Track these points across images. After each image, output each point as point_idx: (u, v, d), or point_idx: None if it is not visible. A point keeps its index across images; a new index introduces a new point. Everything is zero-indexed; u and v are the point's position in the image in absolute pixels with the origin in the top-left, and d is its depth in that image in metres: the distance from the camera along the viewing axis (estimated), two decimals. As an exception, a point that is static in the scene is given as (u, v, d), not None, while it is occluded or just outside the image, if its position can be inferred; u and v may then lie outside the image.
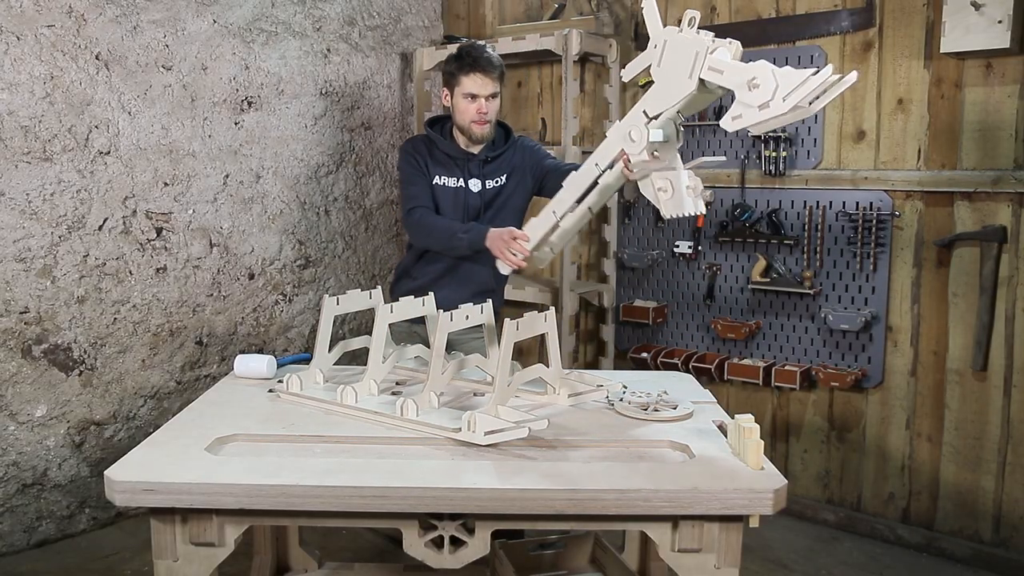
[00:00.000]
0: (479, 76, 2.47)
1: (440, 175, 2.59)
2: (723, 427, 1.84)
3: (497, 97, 2.53)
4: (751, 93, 1.59)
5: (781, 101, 1.56)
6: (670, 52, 1.71)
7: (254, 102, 3.47)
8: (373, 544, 3.00)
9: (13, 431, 2.91)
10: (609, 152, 1.93)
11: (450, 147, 2.59)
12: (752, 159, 3.32)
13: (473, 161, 2.59)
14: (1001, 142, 2.79)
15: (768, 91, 1.57)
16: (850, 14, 3.05)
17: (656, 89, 1.76)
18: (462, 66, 2.48)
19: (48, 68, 2.86)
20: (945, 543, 3.00)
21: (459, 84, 2.50)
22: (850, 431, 3.21)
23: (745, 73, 1.60)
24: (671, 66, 1.71)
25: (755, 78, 1.59)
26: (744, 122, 1.63)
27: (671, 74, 1.72)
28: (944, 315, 2.97)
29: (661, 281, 3.64)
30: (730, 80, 1.63)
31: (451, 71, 2.52)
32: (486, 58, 2.48)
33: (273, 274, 3.62)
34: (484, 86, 2.48)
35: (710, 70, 1.66)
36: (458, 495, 1.55)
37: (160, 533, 1.59)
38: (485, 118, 2.51)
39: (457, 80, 2.50)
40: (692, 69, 1.68)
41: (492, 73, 2.48)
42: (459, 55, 2.51)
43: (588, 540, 2.49)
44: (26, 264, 2.87)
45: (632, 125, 1.82)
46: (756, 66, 1.60)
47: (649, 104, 1.79)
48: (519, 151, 2.65)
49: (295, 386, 2.07)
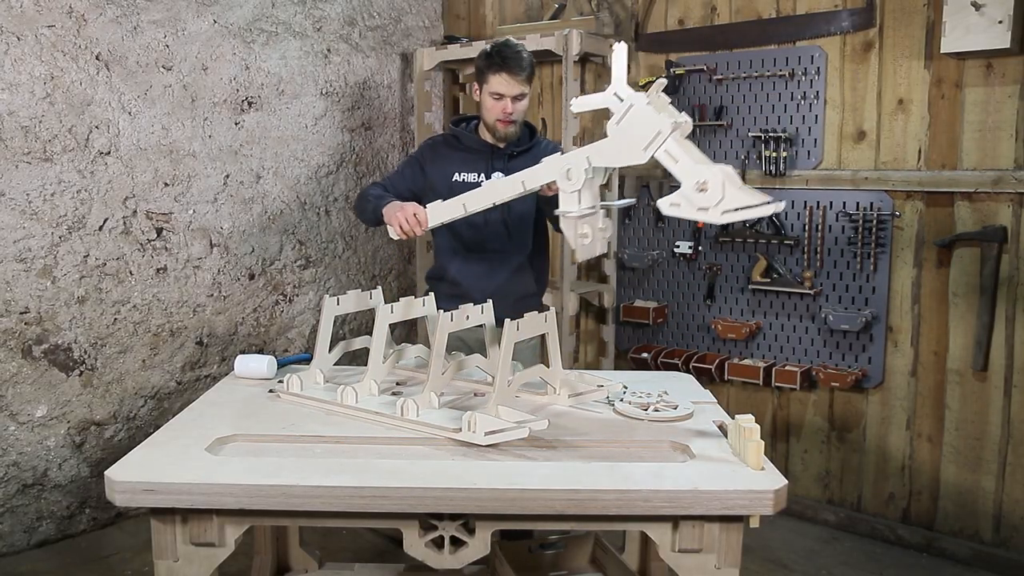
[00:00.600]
0: (506, 76, 2.45)
1: (460, 171, 2.58)
2: (723, 427, 1.84)
3: (525, 98, 2.52)
4: (696, 193, 1.62)
5: (719, 213, 1.59)
6: (633, 117, 1.70)
7: (254, 102, 3.47)
8: (373, 544, 3.00)
9: (13, 431, 2.91)
10: (541, 178, 1.95)
11: (474, 140, 2.60)
12: (752, 159, 3.32)
13: (498, 154, 2.58)
14: (1001, 142, 2.79)
15: (712, 200, 1.59)
16: (850, 14, 3.05)
17: (607, 144, 1.76)
18: (491, 64, 2.46)
19: (48, 68, 2.86)
20: (945, 543, 2.99)
21: (487, 82, 2.48)
22: (850, 431, 3.21)
23: (697, 174, 1.62)
24: (629, 131, 1.70)
25: (706, 182, 1.60)
26: (679, 212, 1.66)
27: (627, 139, 1.71)
28: (944, 315, 2.97)
29: (661, 281, 3.64)
30: (681, 173, 1.64)
31: (481, 68, 2.51)
32: (516, 58, 2.45)
33: (273, 274, 3.62)
34: (511, 87, 2.46)
35: (666, 153, 1.67)
36: (458, 495, 1.55)
37: (160, 533, 1.59)
38: (511, 118, 2.51)
39: (485, 78, 2.49)
40: (649, 145, 1.68)
41: (520, 75, 2.46)
42: (490, 52, 2.49)
43: (588, 540, 2.49)
44: (26, 264, 2.87)
45: (572, 165, 1.83)
46: (710, 172, 1.60)
47: (594, 155, 1.80)
48: (543, 152, 2.61)
49: (295, 386, 2.07)
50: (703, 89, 3.43)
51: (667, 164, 1.67)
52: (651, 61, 3.59)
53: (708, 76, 3.40)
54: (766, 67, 3.25)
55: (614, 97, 1.72)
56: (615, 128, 1.72)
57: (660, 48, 3.54)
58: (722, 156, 3.40)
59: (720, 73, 3.37)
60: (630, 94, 1.71)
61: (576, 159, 1.82)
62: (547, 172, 1.90)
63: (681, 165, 1.64)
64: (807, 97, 3.17)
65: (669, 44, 3.52)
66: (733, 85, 3.34)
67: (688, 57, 3.46)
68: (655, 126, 1.67)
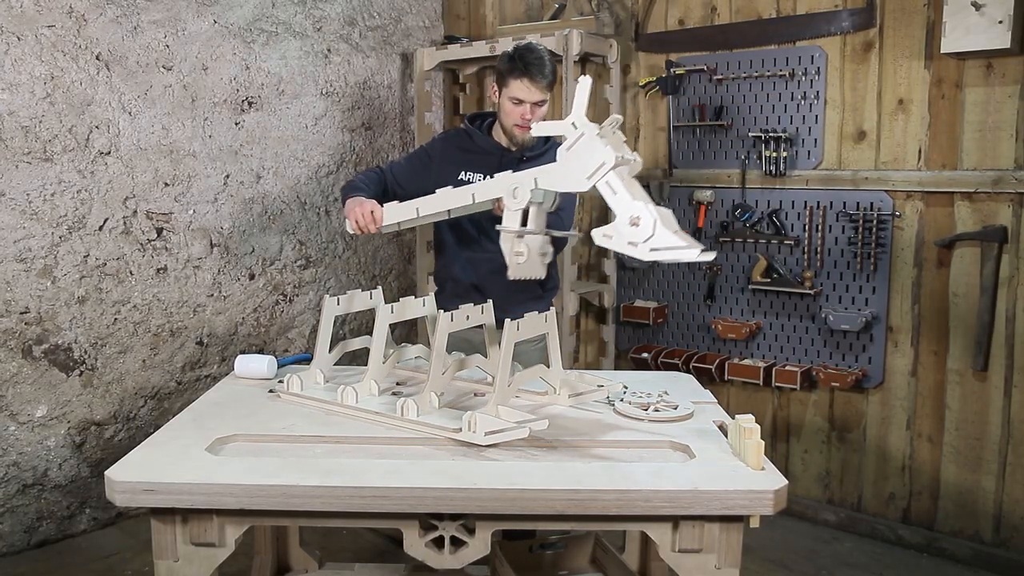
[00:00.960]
0: (528, 82, 2.39)
1: (468, 171, 2.54)
2: (723, 427, 1.84)
3: (545, 104, 2.47)
4: (628, 227, 1.66)
5: (648, 250, 1.64)
6: (582, 146, 1.75)
7: (254, 102, 3.47)
8: (374, 544, 3.00)
9: (13, 431, 2.91)
10: (490, 193, 2.01)
11: (487, 141, 2.56)
12: (753, 159, 3.32)
13: (508, 157, 2.53)
14: (1001, 142, 2.79)
15: (642, 236, 1.64)
16: (851, 14, 3.05)
17: (555, 168, 1.81)
18: (512, 69, 2.40)
19: (48, 68, 2.86)
20: (946, 543, 2.99)
21: (507, 86, 2.42)
22: (850, 431, 3.21)
23: (632, 209, 1.66)
24: (576, 159, 1.75)
25: (639, 218, 1.65)
26: (609, 244, 1.71)
27: (573, 165, 1.76)
28: (944, 315, 2.97)
29: (661, 281, 3.64)
30: (617, 205, 1.69)
31: (502, 71, 2.44)
32: (538, 64, 2.39)
33: (273, 274, 3.62)
34: (531, 93, 2.40)
35: (606, 185, 1.71)
36: (459, 495, 1.55)
37: (160, 533, 1.59)
38: (529, 123, 2.44)
39: (506, 82, 2.42)
40: (592, 175, 1.73)
41: (541, 82, 2.40)
42: (512, 56, 2.42)
43: (589, 540, 2.49)
44: (26, 264, 2.87)
45: (520, 184, 1.89)
46: (644, 210, 1.65)
47: (542, 177, 1.85)
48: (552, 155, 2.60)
49: (296, 386, 2.07)
50: (703, 89, 3.43)
51: (606, 195, 1.72)
52: (651, 61, 3.59)
53: (708, 76, 3.40)
54: (766, 67, 3.25)
55: (571, 125, 1.78)
56: (564, 154, 1.78)
57: (660, 48, 3.54)
58: (722, 156, 3.40)
59: (720, 73, 3.37)
60: (584, 124, 1.75)
61: (524, 179, 1.88)
62: (497, 187, 1.96)
63: (619, 198, 1.69)
64: (807, 97, 3.17)
65: (669, 44, 3.52)
66: (733, 85, 3.34)
67: (688, 57, 3.46)
68: (600, 157, 1.72)
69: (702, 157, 3.47)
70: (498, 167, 2.51)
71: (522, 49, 2.44)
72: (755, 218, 3.32)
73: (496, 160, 2.53)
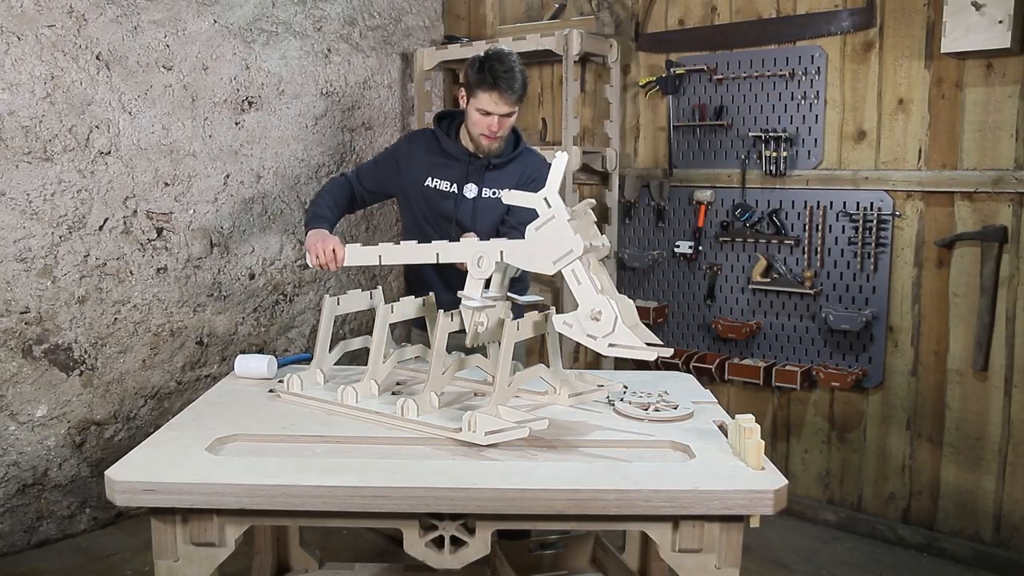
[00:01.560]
0: (496, 96, 2.32)
1: (435, 177, 2.51)
2: (724, 427, 1.84)
3: (513, 115, 2.39)
4: (589, 320, 1.69)
5: (606, 345, 1.66)
6: (551, 230, 1.74)
7: (255, 102, 3.47)
8: (374, 544, 3.00)
9: (13, 431, 2.91)
10: (455, 256, 1.98)
11: (454, 147, 2.50)
12: (753, 159, 3.32)
13: (475, 164, 2.48)
14: (1002, 142, 2.79)
15: (602, 330, 1.67)
16: (851, 14, 3.05)
17: (522, 246, 1.80)
18: (481, 80, 2.32)
19: (49, 68, 2.86)
20: (946, 543, 2.99)
21: (475, 96, 2.35)
22: (851, 431, 3.21)
23: (594, 302, 1.68)
24: (545, 240, 1.75)
25: (600, 312, 1.67)
26: (569, 332, 1.73)
27: (541, 246, 1.76)
28: (945, 315, 2.97)
29: (662, 281, 3.64)
30: (580, 295, 1.71)
31: (470, 80, 2.36)
32: (507, 78, 2.30)
33: (273, 274, 3.62)
34: (499, 107, 2.34)
35: (571, 273, 1.72)
36: (459, 495, 1.55)
37: (160, 533, 1.59)
38: (495, 135, 2.40)
39: (474, 92, 2.35)
40: (559, 261, 1.73)
41: (510, 97, 2.33)
42: (481, 67, 2.33)
43: (589, 540, 2.49)
44: (27, 264, 2.87)
45: (485, 255, 1.87)
46: (606, 305, 1.67)
47: (508, 252, 1.83)
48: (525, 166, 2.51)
49: (295, 386, 2.07)
50: (703, 89, 3.43)
51: (571, 283, 1.73)
52: (651, 61, 3.59)
53: (708, 76, 3.40)
54: (766, 67, 3.25)
55: (543, 201, 1.76)
56: (533, 233, 1.77)
57: (660, 48, 3.54)
58: (722, 156, 3.40)
59: (720, 73, 3.37)
60: (557, 205, 1.74)
61: (490, 249, 1.86)
62: (462, 252, 1.93)
63: (582, 288, 1.71)
64: (807, 97, 3.17)
65: (669, 44, 3.52)
66: (733, 85, 3.34)
67: (688, 57, 3.46)
68: (569, 244, 1.71)
69: (702, 157, 3.47)
70: (465, 175, 2.49)
71: (492, 59, 2.33)
72: (755, 218, 3.32)
73: (463, 167, 2.49)
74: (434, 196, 2.51)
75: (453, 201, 2.50)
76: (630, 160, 3.69)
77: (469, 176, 2.50)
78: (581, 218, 1.76)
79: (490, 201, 2.50)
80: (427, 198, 2.52)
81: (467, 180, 2.50)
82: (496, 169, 2.50)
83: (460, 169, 2.50)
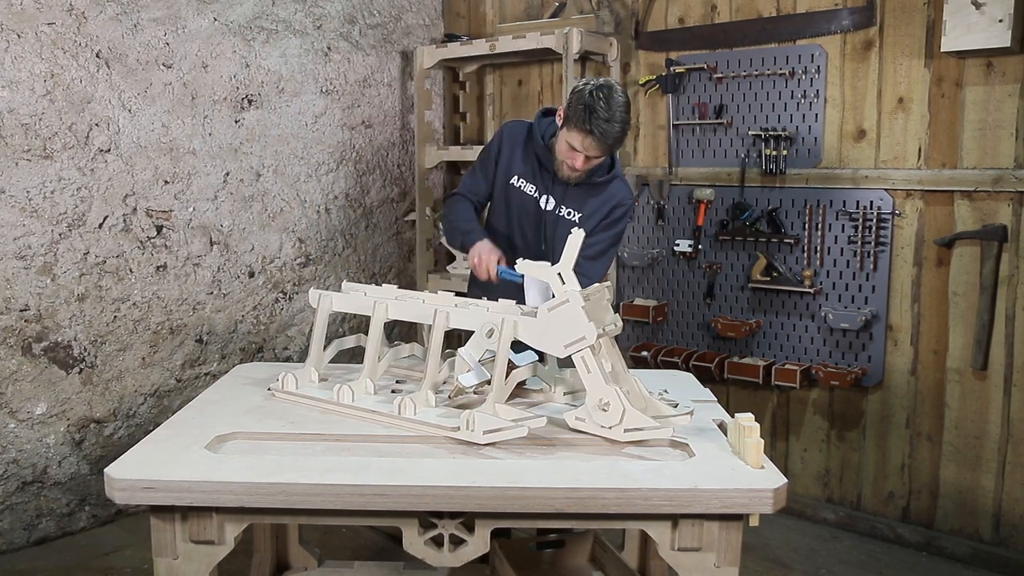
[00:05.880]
0: (589, 141, 2.25)
1: (520, 176, 2.47)
2: (723, 426, 1.84)
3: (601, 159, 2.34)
4: (599, 411, 1.73)
5: (623, 431, 1.71)
6: (565, 314, 1.75)
7: (254, 100, 3.46)
8: (373, 542, 3.00)
9: (13, 429, 2.91)
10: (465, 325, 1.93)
11: (544, 153, 2.43)
12: (752, 158, 3.31)
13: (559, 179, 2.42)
14: (1001, 141, 2.79)
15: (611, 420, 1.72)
16: (851, 13, 3.05)
17: (534, 324, 1.79)
18: (580, 119, 2.22)
19: (48, 66, 2.86)
20: (945, 542, 3.00)
21: (570, 131, 2.27)
22: (850, 430, 3.21)
23: (601, 393, 1.72)
24: (558, 323, 1.75)
25: (608, 403, 1.71)
26: (583, 427, 1.77)
27: (553, 328, 1.76)
28: (944, 314, 2.97)
29: (661, 280, 3.64)
30: (589, 383, 1.74)
31: (570, 114, 2.26)
32: (605, 129, 2.21)
33: (273, 272, 3.62)
34: (590, 149, 2.28)
35: (582, 360, 1.74)
36: (458, 493, 1.55)
37: (160, 531, 1.59)
38: (577, 171, 2.35)
39: (571, 125, 2.26)
40: (570, 346, 1.75)
41: (601, 146, 2.26)
42: (587, 105, 2.21)
43: (588, 539, 2.49)
44: (26, 262, 2.87)
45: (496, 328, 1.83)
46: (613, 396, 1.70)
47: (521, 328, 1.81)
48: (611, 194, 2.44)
49: (290, 385, 2.07)
50: (703, 87, 3.42)
51: (580, 370, 1.76)
52: (651, 59, 3.58)
53: (708, 74, 3.39)
54: (766, 66, 3.25)
55: (557, 277, 1.81)
56: (546, 315, 1.78)
57: (660, 46, 3.54)
58: (722, 154, 3.40)
59: (720, 72, 3.36)
60: (572, 285, 1.79)
61: (503, 324, 1.83)
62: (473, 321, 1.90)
63: (591, 377, 1.74)
64: (807, 96, 3.17)
65: (669, 42, 3.51)
66: (733, 84, 3.34)
67: (688, 55, 3.45)
68: (582, 331, 1.73)
69: (702, 155, 3.46)
70: (549, 184, 2.45)
71: (599, 98, 2.21)
72: (755, 216, 3.32)
73: (548, 179, 2.45)
74: (517, 196, 2.49)
75: (532, 206, 2.47)
76: (630, 159, 3.68)
77: (552, 187, 2.45)
78: (595, 302, 1.77)
79: (567, 220, 2.45)
80: (508, 196, 2.50)
81: (549, 191, 2.45)
82: (580, 187, 2.43)
83: (546, 178, 2.45)
